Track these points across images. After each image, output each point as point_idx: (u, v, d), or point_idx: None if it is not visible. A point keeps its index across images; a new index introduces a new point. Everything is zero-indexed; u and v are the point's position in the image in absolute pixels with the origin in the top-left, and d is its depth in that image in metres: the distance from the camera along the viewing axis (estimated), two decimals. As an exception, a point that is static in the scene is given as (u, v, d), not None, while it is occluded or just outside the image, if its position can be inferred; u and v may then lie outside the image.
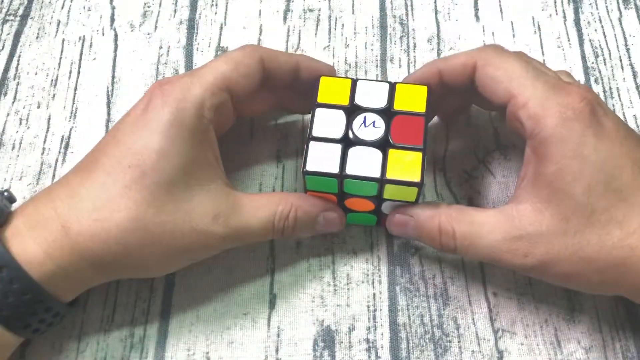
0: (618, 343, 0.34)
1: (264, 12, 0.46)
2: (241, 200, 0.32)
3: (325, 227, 0.34)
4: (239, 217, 0.31)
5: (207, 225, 0.30)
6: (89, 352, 0.34)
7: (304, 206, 0.33)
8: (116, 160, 0.30)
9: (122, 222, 0.29)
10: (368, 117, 0.33)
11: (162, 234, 0.30)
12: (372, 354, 0.34)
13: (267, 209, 0.32)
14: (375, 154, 0.32)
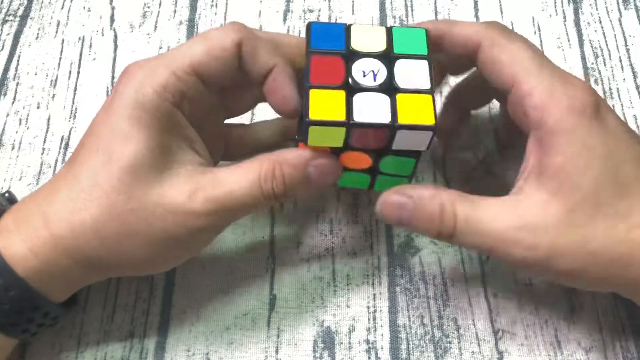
0: (618, 343, 0.34)
1: (263, 12, 0.46)
2: (219, 174, 0.29)
3: (319, 178, 0.30)
4: (220, 188, 0.29)
5: (183, 204, 0.28)
6: (89, 352, 0.34)
7: (289, 159, 0.30)
8: (89, 149, 0.29)
9: (95, 213, 0.28)
10: (367, 66, 0.30)
11: (136, 222, 0.28)
12: (372, 355, 0.34)
13: (249, 174, 0.29)
14: (383, 98, 0.29)
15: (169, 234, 0.29)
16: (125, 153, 0.28)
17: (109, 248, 0.29)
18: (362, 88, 0.29)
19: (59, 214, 0.28)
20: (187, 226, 0.29)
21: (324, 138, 0.29)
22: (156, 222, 0.28)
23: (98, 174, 0.28)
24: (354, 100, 0.29)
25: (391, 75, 0.30)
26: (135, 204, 0.28)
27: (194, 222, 0.29)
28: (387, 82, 0.30)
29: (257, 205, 0.30)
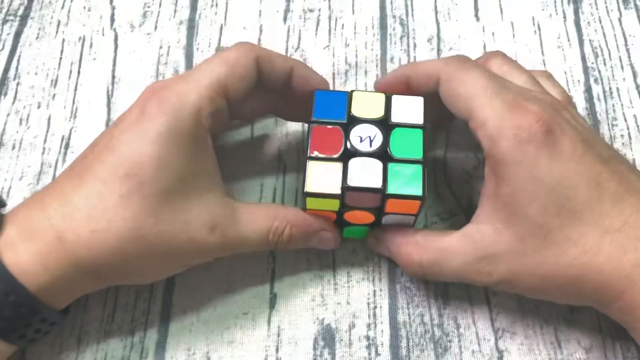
0: (618, 343, 0.34)
1: (264, 12, 0.46)
2: (238, 210, 0.32)
3: (319, 244, 0.35)
4: (236, 228, 0.31)
5: (204, 236, 0.30)
6: (89, 352, 0.34)
7: (300, 225, 0.33)
8: (112, 168, 0.29)
9: (120, 233, 0.28)
10: (365, 131, 0.32)
11: (160, 244, 0.29)
12: (372, 351, 0.34)
13: (263, 223, 0.32)
14: (376, 164, 0.31)
15: (184, 256, 0.31)
16: (159, 179, 0.29)
17: (126, 267, 0.30)
18: (358, 153, 0.32)
19: (77, 232, 0.28)
20: (202, 253, 0.31)
21: (321, 205, 0.33)
22: (177, 246, 0.30)
23: (127, 197, 0.29)
24: (350, 165, 0.31)
25: (386, 143, 0.32)
26: (162, 227, 0.29)
27: (208, 251, 0.31)
28: (382, 148, 0.32)
29: (259, 249, 0.33)
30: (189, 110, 0.30)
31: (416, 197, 0.31)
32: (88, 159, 0.30)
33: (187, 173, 0.30)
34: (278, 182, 0.39)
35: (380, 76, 0.43)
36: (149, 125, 0.29)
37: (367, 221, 0.34)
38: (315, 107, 0.33)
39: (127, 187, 0.29)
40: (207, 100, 0.30)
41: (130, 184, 0.29)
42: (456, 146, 0.40)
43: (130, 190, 0.28)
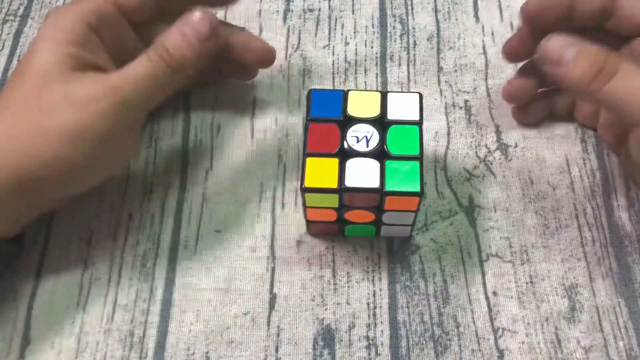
0: (621, 342, 0.34)
1: (263, 11, 0.46)
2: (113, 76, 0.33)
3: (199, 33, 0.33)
4: (120, 74, 0.32)
5: (86, 94, 0.31)
6: (89, 352, 0.34)
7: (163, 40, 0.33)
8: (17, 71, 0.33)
9: (9, 119, 0.31)
10: (361, 130, 0.33)
11: (46, 118, 0.31)
12: (372, 351, 0.34)
13: (143, 60, 0.33)
14: (373, 164, 0.32)
15: (77, 123, 0.31)
16: (34, 62, 0.32)
17: (23, 151, 0.31)
18: (355, 153, 0.32)
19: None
20: (92, 111, 0.31)
21: (320, 201, 0.32)
22: (63, 115, 0.31)
23: (13, 87, 0.32)
24: (347, 165, 0.32)
25: (383, 140, 0.32)
26: (45, 103, 0.31)
27: (96, 105, 0.31)
28: (378, 147, 0.32)
29: (163, 79, 0.33)
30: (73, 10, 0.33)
31: (414, 194, 0.31)
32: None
33: (64, 57, 0.32)
34: (278, 182, 0.39)
35: (379, 74, 0.43)
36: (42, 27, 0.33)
37: (368, 219, 0.34)
38: (312, 106, 0.33)
39: (14, 78, 0.32)
40: (94, 4, 0.34)
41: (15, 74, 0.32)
42: (457, 145, 0.40)
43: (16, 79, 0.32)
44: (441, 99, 0.42)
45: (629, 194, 0.38)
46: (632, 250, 0.36)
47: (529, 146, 0.40)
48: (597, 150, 0.40)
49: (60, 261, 0.36)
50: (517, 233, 0.37)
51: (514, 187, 0.39)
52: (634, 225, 0.37)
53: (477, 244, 0.37)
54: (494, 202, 0.38)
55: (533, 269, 0.36)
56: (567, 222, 0.37)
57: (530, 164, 0.39)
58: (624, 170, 0.38)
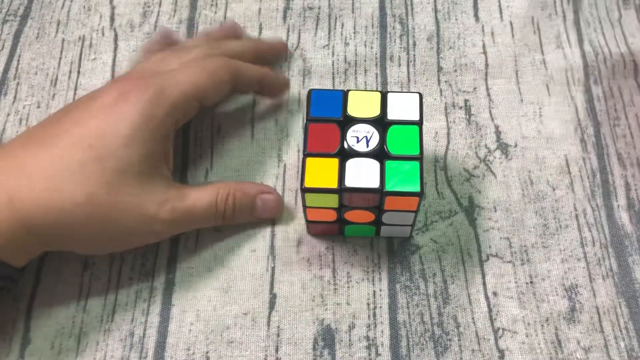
0: (622, 342, 0.34)
1: (263, 10, 0.46)
2: (186, 190, 0.34)
3: (264, 210, 0.36)
4: (185, 202, 0.33)
5: (155, 210, 0.32)
6: (89, 352, 0.34)
7: (243, 188, 0.36)
8: (78, 138, 0.31)
9: (73, 196, 0.30)
10: (361, 130, 0.33)
11: (110, 213, 0.31)
12: (373, 352, 0.34)
13: (209, 195, 0.34)
14: (373, 164, 0.32)
15: (134, 231, 0.33)
16: (121, 156, 0.31)
17: (75, 233, 0.31)
18: (355, 154, 0.32)
19: (32, 190, 0.29)
20: (153, 230, 0.33)
21: (320, 201, 0.33)
22: (128, 220, 0.32)
23: (86, 165, 0.30)
24: (347, 166, 0.32)
25: (383, 141, 0.32)
26: (116, 198, 0.31)
27: (158, 226, 0.33)
28: (378, 147, 0.32)
29: (209, 221, 0.35)
30: (164, 107, 0.33)
31: (414, 194, 0.31)
32: (50, 130, 0.32)
33: (146, 156, 0.32)
34: (278, 182, 0.39)
35: (379, 75, 0.43)
36: (124, 109, 0.32)
37: (368, 219, 0.34)
38: (312, 106, 0.33)
39: (88, 156, 0.30)
40: (183, 101, 0.34)
41: (92, 154, 0.30)
42: (457, 145, 0.40)
43: (91, 159, 0.30)
44: (441, 99, 0.42)
45: (629, 194, 0.38)
46: (632, 251, 0.36)
47: (528, 146, 0.40)
48: (597, 150, 0.40)
49: (61, 261, 0.36)
50: (517, 233, 0.37)
51: (514, 187, 0.39)
52: (634, 226, 0.37)
53: (477, 244, 0.37)
54: (494, 202, 0.38)
55: (533, 269, 0.36)
56: (567, 223, 0.37)
57: (530, 164, 0.39)
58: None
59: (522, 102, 0.42)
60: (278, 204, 0.37)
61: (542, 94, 0.42)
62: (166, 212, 0.32)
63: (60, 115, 0.33)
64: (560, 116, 0.41)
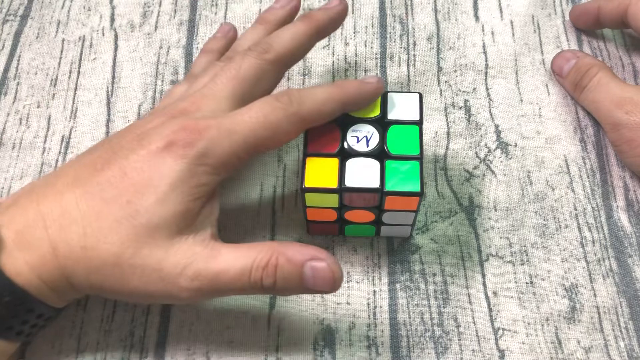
0: (622, 342, 0.34)
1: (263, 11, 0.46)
2: (220, 251, 0.30)
3: (314, 282, 0.29)
4: (212, 267, 0.29)
5: (175, 276, 0.29)
6: (89, 352, 0.34)
7: (288, 252, 0.29)
8: (118, 192, 0.29)
9: (103, 256, 0.29)
10: (361, 130, 0.33)
11: (131, 276, 0.29)
12: (373, 351, 0.34)
13: (243, 258, 0.29)
14: (373, 164, 0.32)
15: (153, 295, 0.30)
16: (153, 213, 0.29)
17: (105, 285, 0.30)
18: (355, 153, 0.32)
19: (70, 245, 0.29)
20: (172, 296, 0.30)
21: (320, 201, 0.33)
22: (149, 284, 0.29)
23: (120, 222, 0.29)
24: (347, 166, 0.32)
25: (383, 140, 0.32)
26: (137, 261, 0.29)
27: (177, 293, 0.29)
28: (378, 147, 0.32)
29: (243, 291, 0.30)
30: (212, 164, 0.30)
31: (414, 194, 0.31)
32: (97, 175, 0.30)
33: (180, 213, 0.29)
34: (278, 182, 0.39)
35: (379, 74, 0.43)
36: (169, 161, 0.29)
37: (368, 219, 0.34)
38: None
39: (124, 213, 0.29)
40: (235, 158, 0.30)
41: (128, 211, 0.29)
42: (457, 145, 0.40)
43: (126, 217, 0.29)
44: (441, 99, 0.42)
45: (628, 195, 0.38)
46: (632, 252, 0.37)
47: (528, 146, 0.40)
48: (597, 150, 0.40)
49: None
50: (517, 233, 0.37)
51: (513, 187, 0.39)
52: (634, 227, 0.37)
53: (477, 244, 0.37)
54: (494, 202, 0.38)
55: (533, 269, 0.36)
56: (567, 223, 0.37)
57: (530, 164, 0.39)
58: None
59: (522, 102, 0.42)
60: (333, 274, 0.29)
61: (542, 94, 0.42)
62: (187, 279, 0.29)
63: (110, 152, 0.31)
64: (560, 116, 0.41)
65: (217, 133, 0.30)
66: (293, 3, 0.39)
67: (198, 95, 0.32)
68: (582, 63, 0.40)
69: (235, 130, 0.30)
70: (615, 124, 0.37)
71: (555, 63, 0.42)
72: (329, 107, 0.32)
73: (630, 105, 0.37)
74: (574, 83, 0.40)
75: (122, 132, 0.32)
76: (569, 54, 0.41)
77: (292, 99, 0.31)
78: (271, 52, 0.34)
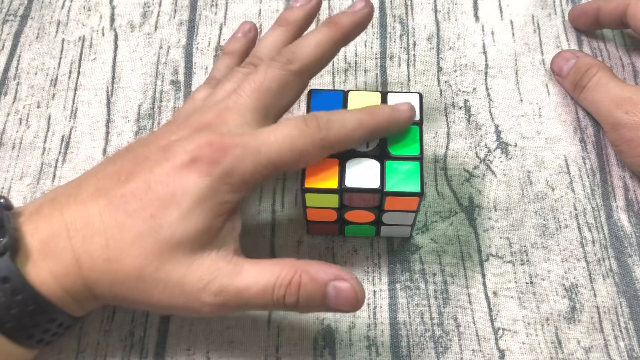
0: (622, 342, 0.34)
1: (263, 11, 0.46)
2: (243, 267, 0.30)
3: (337, 302, 0.29)
4: (234, 284, 0.29)
5: (197, 292, 0.29)
6: (89, 352, 0.34)
7: (311, 270, 0.29)
8: (142, 205, 0.29)
9: (127, 269, 0.29)
10: None
11: (154, 289, 0.29)
12: (373, 352, 0.34)
13: (267, 275, 0.29)
14: (373, 164, 0.32)
15: (176, 309, 0.30)
16: (177, 229, 0.29)
17: (127, 297, 0.30)
18: (355, 154, 0.32)
19: (93, 257, 0.29)
20: (194, 310, 0.30)
21: (321, 201, 0.32)
22: (171, 298, 0.29)
23: (143, 236, 0.29)
24: (347, 166, 0.32)
25: (383, 141, 0.32)
26: (161, 276, 0.29)
27: (199, 307, 0.29)
28: (379, 148, 0.32)
29: (265, 307, 0.30)
30: (235, 183, 0.29)
31: (415, 194, 0.31)
32: (121, 187, 0.29)
33: (202, 231, 0.29)
34: (278, 183, 0.39)
35: (379, 75, 0.43)
36: (193, 177, 0.29)
37: (368, 220, 0.34)
38: (312, 106, 0.33)
39: (147, 227, 0.29)
40: (258, 177, 0.30)
41: (151, 224, 0.29)
42: (457, 145, 0.40)
43: (148, 231, 0.29)
44: (441, 99, 0.42)
45: (628, 195, 0.38)
46: (632, 252, 0.37)
47: (528, 146, 0.40)
48: (597, 150, 0.40)
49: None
50: (517, 233, 0.37)
51: (513, 187, 0.39)
52: (633, 227, 0.37)
53: (477, 244, 0.37)
54: (494, 202, 0.38)
55: (533, 269, 0.36)
56: (567, 223, 0.37)
57: (530, 164, 0.39)
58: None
59: (522, 102, 0.42)
60: (356, 294, 0.29)
61: (542, 94, 0.42)
62: (210, 295, 0.29)
63: (134, 163, 0.30)
64: (560, 116, 0.41)
65: (242, 152, 0.29)
66: (313, 2, 0.37)
67: (222, 107, 0.31)
68: (582, 63, 0.40)
69: (261, 151, 0.30)
70: (614, 124, 0.37)
71: (554, 63, 0.42)
72: (357, 135, 0.31)
73: (629, 105, 0.37)
74: (573, 83, 0.40)
75: (145, 142, 0.32)
76: (569, 54, 0.41)
77: (321, 125, 0.31)
78: (296, 62, 0.33)
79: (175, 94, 0.42)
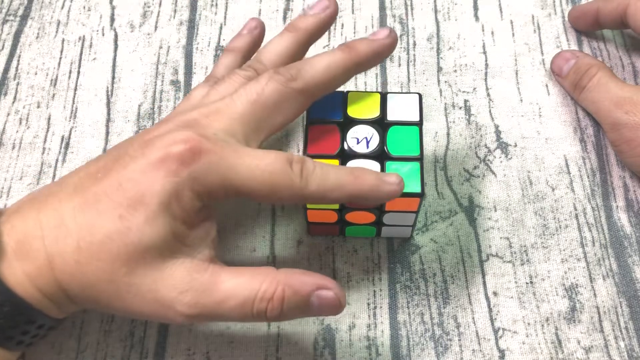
0: (622, 342, 0.34)
1: (263, 11, 0.46)
2: (220, 276, 0.28)
3: (320, 310, 0.29)
4: (211, 296, 0.28)
5: (171, 300, 0.28)
6: (89, 352, 0.34)
7: (294, 283, 0.28)
8: (113, 205, 0.28)
9: (97, 272, 0.28)
10: (361, 132, 0.33)
11: (127, 294, 0.28)
12: (373, 352, 0.34)
13: (248, 289, 0.28)
14: (373, 165, 0.32)
15: (149, 316, 0.29)
16: (145, 234, 0.27)
17: (100, 302, 0.29)
18: (355, 155, 0.32)
19: (65, 259, 0.28)
20: (168, 319, 0.29)
21: None
22: (144, 304, 0.28)
23: (112, 238, 0.28)
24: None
25: (383, 142, 0.32)
26: (133, 280, 0.28)
27: (173, 317, 0.28)
28: (379, 148, 0.32)
29: (250, 321, 0.29)
30: (202, 189, 0.28)
31: (415, 195, 0.31)
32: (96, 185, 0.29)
33: (171, 236, 0.28)
34: (278, 182, 0.39)
35: (379, 75, 0.43)
36: (161, 176, 0.28)
37: (369, 220, 0.34)
38: (312, 107, 0.33)
39: (116, 228, 0.28)
40: (221, 193, 0.29)
41: (120, 226, 0.28)
42: (457, 145, 0.40)
43: (118, 232, 0.28)
44: (441, 99, 0.42)
45: (628, 195, 0.38)
46: (632, 252, 0.37)
47: (528, 146, 0.40)
48: (597, 150, 0.40)
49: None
50: (517, 233, 0.37)
51: (513, 187, 0.39)
52: (633, 227, 0.37)
53: (477, 244, 0.37)
54: (494, 202, 0.38)
55: (533, 269, 0.36)
56: (567, 223, 0.37)
57: (530, 164, 0.39)
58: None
59: (522, 102, 0.42)
60: (339, 301, 0.29)
61: (541, 94, 0.42)
62: (185, 305, 0.28)
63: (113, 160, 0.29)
64: (560, 116, 0.41)
65: (217, 162, 0.28)
66: (328, 12, 0.35)
67: (213, 109, 0.31)
68: (582, 63, 0.40)
69: (236, 170, 0.29)
70: (614, 124, 0.37)
71: (554, 63, 0.42)
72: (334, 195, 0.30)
73: (629, 105, 0.37)
74: (573, 83, 0.40)
75: (132, 138, 0.31)
76: (569, 54, 0.41)
77: (304, 174, 0.29)
78: (299, 80, 0.31)
79: (175, 94, 0.42)
